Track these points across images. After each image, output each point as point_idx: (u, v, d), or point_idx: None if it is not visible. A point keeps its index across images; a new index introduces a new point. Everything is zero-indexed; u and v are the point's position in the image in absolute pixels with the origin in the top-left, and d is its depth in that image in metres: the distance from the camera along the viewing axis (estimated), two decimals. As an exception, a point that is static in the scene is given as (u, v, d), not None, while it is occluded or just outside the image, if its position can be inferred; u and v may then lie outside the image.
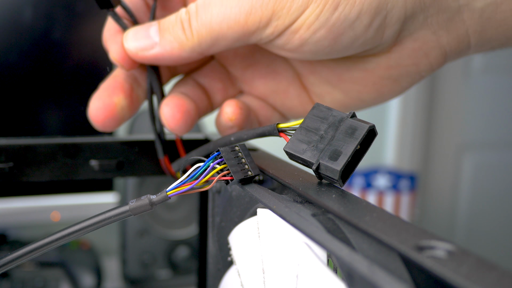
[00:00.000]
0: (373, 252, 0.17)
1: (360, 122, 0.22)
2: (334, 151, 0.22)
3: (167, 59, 0.26)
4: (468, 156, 1.51)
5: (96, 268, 0.72)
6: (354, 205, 0.19)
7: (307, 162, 0.22)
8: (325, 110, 0.23)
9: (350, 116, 0.22)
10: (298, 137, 0.23)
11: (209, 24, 0.25)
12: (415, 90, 1.37)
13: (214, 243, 0.27)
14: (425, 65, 0.29)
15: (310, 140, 0.22)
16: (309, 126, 0.23)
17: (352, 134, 0.22)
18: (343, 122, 0.22)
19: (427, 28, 0.27)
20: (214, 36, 0.25)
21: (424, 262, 0.14)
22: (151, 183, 0.75)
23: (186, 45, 0.26)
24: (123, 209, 0.23)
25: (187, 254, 0.76)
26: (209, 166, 0.23)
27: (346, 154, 0.21)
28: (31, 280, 0.67)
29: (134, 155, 0.31)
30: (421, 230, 0.16)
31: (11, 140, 0.29)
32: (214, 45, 0.26)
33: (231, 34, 0.25)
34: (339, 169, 0.21)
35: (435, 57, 0.28)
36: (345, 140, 0.22)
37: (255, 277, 0.23)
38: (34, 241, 0.22)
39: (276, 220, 0.21)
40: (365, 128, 0.21)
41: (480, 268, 0.14)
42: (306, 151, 0.22)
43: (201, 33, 0.25)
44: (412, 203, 1.20)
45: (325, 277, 0.17)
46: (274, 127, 0.24)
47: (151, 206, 0.22)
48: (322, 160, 0.22)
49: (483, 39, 0.28)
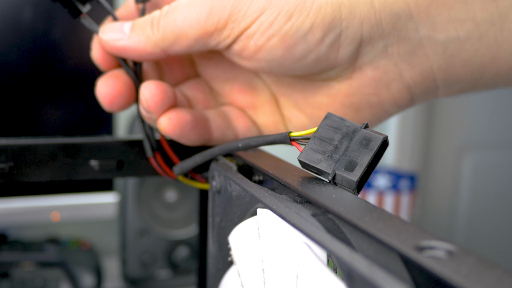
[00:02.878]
0: (373, 252, 0.17)
1: (374, 133, 0.22)
2: (349, 161, 0.22)
3: (133, 51, 0.28)
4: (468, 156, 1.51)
5: (96, 268, 0.72)
6: (354, 205, 0.19)
7: (323, 172, 0.23)
8: (338, 120, 0.23)
9: (364, 127, 0.23)
10: (312, 147, 0.23)
11: (173, 21, 0.27)
12: (415, 90, 1.37)
13: (214, 243, 0.27)
14: (387, 97, 0.29)
15: (324, 150, 0.23)
16: (322, 136, 0.23)
17: (366, 145, 0.22)
18: (357, 133, 0.23)
19: (387, 58, 0.27)
20: (176, 33, 0.27)
21: (424, 262, 0.14)
22: (151, 183, 0.75)
23: (151, 40, 0.27)
24: None
25: (187, 254, 0.76)
26: None
27: (362, 165, 0.22)
28: (31, 280, 0.67)
29: (134, 155, 0.31)
30: (421, 230, 0.16)
31: (11, 140, 0.29)
32: (176, 42, 0.27)
33: (192, 32, 0.27)
34: (355, 179, 0.22)
35: (398, 90, 0.28)
36: (360, 151, 0.22)
37: (255, 277, 0.23)
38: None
39: (276, 220, 0.21)
40: (380, 139, 0.22)
41: (480, 268, 0.14)
42: (321, 161, 0.23)
43: (166, 29, 0.27)
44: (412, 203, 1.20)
45: (325, 277, 0.17)
46: (286, 136, 0.24)
47: None
48: (338, 171, 0.22)
49: (450, 78, 0.28)
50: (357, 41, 0.27)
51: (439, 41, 0.27)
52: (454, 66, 0.27)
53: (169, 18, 0.27)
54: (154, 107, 0.28)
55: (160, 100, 0.28)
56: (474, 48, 0.27)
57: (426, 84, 0.28)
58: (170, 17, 0.27)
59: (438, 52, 0.27)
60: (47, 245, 0.72)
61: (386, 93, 0.29)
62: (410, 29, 0.27)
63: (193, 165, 0.28)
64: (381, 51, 0.27)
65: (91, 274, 0.70)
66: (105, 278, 0.76)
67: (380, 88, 0.28)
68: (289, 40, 0.26)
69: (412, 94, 0.29)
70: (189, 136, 0.29)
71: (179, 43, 0.27)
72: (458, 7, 0.26)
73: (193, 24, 0.26)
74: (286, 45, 0.26)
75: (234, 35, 0.26)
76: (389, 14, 0.26)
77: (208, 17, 0.26)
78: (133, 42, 0.28)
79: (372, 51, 0.27)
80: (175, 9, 0.27)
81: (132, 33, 0.28)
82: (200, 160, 0.28)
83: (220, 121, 0.30)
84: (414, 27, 0.27)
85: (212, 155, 0.28)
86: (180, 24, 0.27)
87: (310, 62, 0.27)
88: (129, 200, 0.73)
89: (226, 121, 0.31)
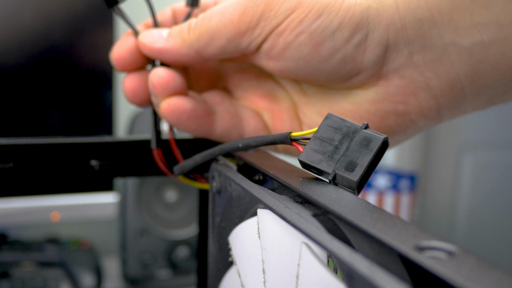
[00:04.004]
0: (373, 252, 0.17)
1: (374, 133, 0.22)
2: (350, 162, 0.22)
3: (169, 52, 0.29)
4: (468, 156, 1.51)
5: (96, 268, 0.72)
6: (354, 205, 0.19)
7: (323, 172, 0.23)
8: (339, 121, 0.23)
9: (364, 128, 0.23)
10: (313, 147, 0.23)
11: (208, 23, 0.28)
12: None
13: (214, 243, 0.27)
14: (414, 107, 0.29)
15: (324, 151, 0.23)
16: (323, 136, 0.23)
17: (367, 145, 0.22)
18: (357, 133, 0.23)
19: (413, 67, 0.27)
20: (211, 34, 0.28)
21: (424, 262, 0.14)
22: (151, 183, 0.75)
23: (187, 41, 0.29)
24: None
25: (187, 254, 0.76)
26: None
27: (362, 165, 0.22)
28: (31, 280, 0.67)
29: (134, 155, 0.31)
30: (421, 230, 0.16)
31: (11, 140, 0.29)
32: (210, 43, 0.28)
33: (225, 32, 0.28)
34: (356, 180, 0.22)
35: (425, 99, 0.28)
36: (361, 152, 0.22)
37: (255, 277, 0.23)
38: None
39: (276, 220, 0.21)
40: (380, 140, 0.22)
41: (480, 268, 0.14)
42: (322, 162, 0.23)
43: (201, 30, 0.28)
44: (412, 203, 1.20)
45: (325, 278, 0.17)
46: (286, 136, 0.24)
47: None
48: (338, 171, 0.22)
49: (478, 86, 0.28)
50: (383, 45, 0.27)
51: (464, 47, 0.26)
52: (482, 72, 0.27)
53: (205, 21, 0.28)
54: (159, 89, 0.29)
55: (165, 82, 0.29)
56: (500, 51, 0.26)
57: (454, 93, 0.28)
58: (205, 20, 0.28)
59: (463, 58, 0.27)
60: (47, 245, 0.72)
61: (413, 102, 0.28)
62: (434, 36, 0.27)
63: (193, 165, 0.28)
64: (406, 59, 0.27)
65: (91, 274, 0.70)
66: (105, 278, 0.76)
67: (406, 96, 0.28)
68: (317, 37, 0.27)
69: (439, 105, 0.28)
70: (186, 125, 0.30)
71: (213, 44, 0.28)
72: (480, 11, 0.26)
73: (227, 24, 0.28)
74: (314, 42, 0.27)
75: (265, 33, 0.27)
76: (413, 20, 0.26)
77: (241, 17, 0.27)
78: (170, 44, 0.29)
79: (398, 58, 0.27)
80: (211, 13, 0.28)
81: (169, 36, 0.29)
82: (200, 160, 0.28)
83: (227, 117, 0.31)
84: (438, 34, 0.26)
85: (212, 155, 0.28)
86: (214, 24, 0.28)
87: (336, 62, 0.27)
88: (129, 200, 0.73)
89: (236, 119, 0.31)
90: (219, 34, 0.28)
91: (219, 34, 0.28)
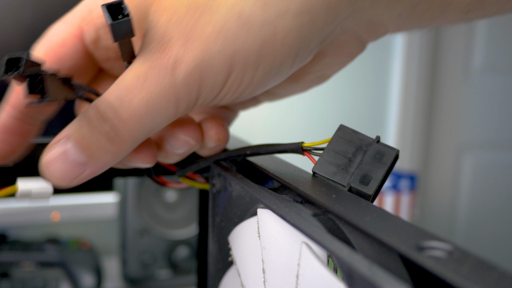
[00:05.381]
0: (373, 252, 0.17)
1: (387, 148, 0.23)
2: (364, 175, 0.22)
3: (103, 170, 0.23)
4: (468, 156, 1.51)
5: (96, 268, 0.72)
6: (354, 205, 0.19)
7: (338, 184, 0.23)
8: (351, 133, 0.24)
9: (377, 141, 0.23)
10: (327, 159, 0.23)
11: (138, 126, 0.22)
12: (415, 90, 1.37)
13: (214, 243, 0.27)
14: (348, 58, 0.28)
15: (339, 163, 0.23)
16: (336, 149, 0.24)
17: (380, 159, 0.23)
18: (370, 147, 0.23)
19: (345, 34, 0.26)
20: (147, 131, 0.23)
21: (424, 262, 0.14)
22: (151, 183, 0.75)
23: (120, 151, 0.23)
24: None
25: (187, 254, 0.76)
26: None
27: (377, 179, 0.22)
28: (31, 280, 0.67)
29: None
30: (421, 230, 0.16)
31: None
32: (147, 136, 0.23)
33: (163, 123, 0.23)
34: (371, 193, 0.22)
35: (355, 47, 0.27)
36: (374, 165, 0.23)
37: (255, 277, 0.23)
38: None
39: (276, 220, 0.21)
40: (393, 154, 0.23)
41: (480, 268, 0.14)
42: (336, 174, 0.23)
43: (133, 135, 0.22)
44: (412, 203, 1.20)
45: (325, 277, 0.17)
46: (298, 146, 0.24)
47: None
48: (353, 184, 0.22)
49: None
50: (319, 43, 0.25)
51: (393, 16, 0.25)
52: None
53: (133, 126, 0.22)
54: None
55: None
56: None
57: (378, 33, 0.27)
58: (133, 124, 0.22)
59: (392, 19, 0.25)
60: (47, 245, 0.72)
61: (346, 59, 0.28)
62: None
63: (196, 169, 0.29)
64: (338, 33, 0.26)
65: (91, 274, 0.70)
66: (105, 278, 0.76)
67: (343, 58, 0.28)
68: (263, 84, 0.24)
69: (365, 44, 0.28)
70: None
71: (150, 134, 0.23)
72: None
73: (163, 117, 0.23)
74: (262, 86, 0.24)
75: (206, 103, 0.24)
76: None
77: (177, 106, 0.22)
78: (100, 166, 0.22)
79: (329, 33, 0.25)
80: (135, 113, 0.22)
81: (92, 158, 0.22)
82: (204, 165, 0.28)
83: None
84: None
85: (217, 160, 0.28)
86: (148, 123, 0.22)
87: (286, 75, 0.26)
88: (129, 200, 0.73)
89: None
90: (156, 127, 0.23)
91: (156, 128, 0.23)
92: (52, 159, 0.22)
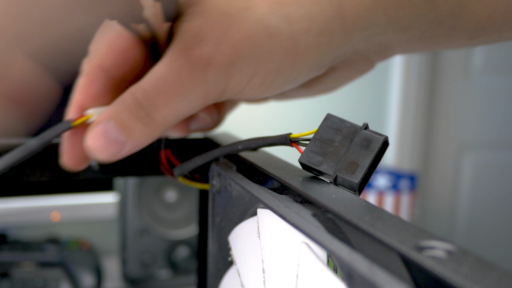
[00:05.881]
0: (373, 252, 0.17)
1: (375, 134, 0.22)
2: (350, 163, 0.22)
3: (140, 147, 0.25)
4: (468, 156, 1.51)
5: (96, 268, 0.72)
6: (354, 205, 0.19)
7: (324, 173, 0.23)
8: (338, 122, 0.23)
9: (364, 128, 0.23)
10: (313, 149, 0.23)
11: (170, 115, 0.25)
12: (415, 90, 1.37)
13: (214, 243, 0.27)
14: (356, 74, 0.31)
15: (325, 152, 0.23)
16: (323, 137, 0.23)
17: (367, 146, 0.22)
18: (357, 134, 0.23)
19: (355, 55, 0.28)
20: (180, 116, 0.25)
21: (424, 262, 0.14)
22: (151, 183, 0.75)
23: (156, 132, 0.25)
24: None
25: (187, 254, 0.76)
26: None
27: (363, 166, 0.22)
28: (31, 280, 0.67)
29: (134, 155, 0.31)
30: (421, 230, 0.16)
31: (11, 140, 0.29)
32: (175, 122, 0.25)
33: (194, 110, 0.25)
34: (357, 181, 0.21)
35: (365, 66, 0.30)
36: (361, 152, 0.22)
37: (255, 277, 0.23)
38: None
39: (276, 220, 0.21)
40: (380, 140, 0.22)
41: (480, 268, 0.14)
42: (322, 163, 0.23)
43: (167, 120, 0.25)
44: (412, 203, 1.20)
45: (325, 277, 0.17)
46: (286, 137, 0.24)
47: None
48: (339, 173, 0.22)
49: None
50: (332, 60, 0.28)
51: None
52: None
53: (167, 112, 0.24)
54: None
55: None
56: None
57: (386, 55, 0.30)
58: (166, 110, 0.24)
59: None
60: (47, 245, 0.72)
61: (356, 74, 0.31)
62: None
63: (193, 167, 0.29)
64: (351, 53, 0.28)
65: (91, 274, 0.70)
66: (105, 278, 0.76)
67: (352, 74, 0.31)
68: (281, 88, 0.27)
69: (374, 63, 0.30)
70: None
71: (177, 121, 0.26)
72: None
73: (192, 110, 0.25)
74: (280, 89, 0.27)
75: (231, 96, 0.27)
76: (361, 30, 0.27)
77: (205, 101, 0.25)
78: (138, 143, 0.25)
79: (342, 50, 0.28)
80: (165, 99, 0.24)
81: (131, 137, 0.25)
82: (200, 162, 0.28)
83: None
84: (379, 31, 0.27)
85: (212, 157, 0.28)
86: (179, 114, 0.25)
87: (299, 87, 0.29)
88: (129, 200, 0.73)
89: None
90: (188, 113, 0.25)
91: (188, 113, 0.25)
92: (95, 136, 0.25)
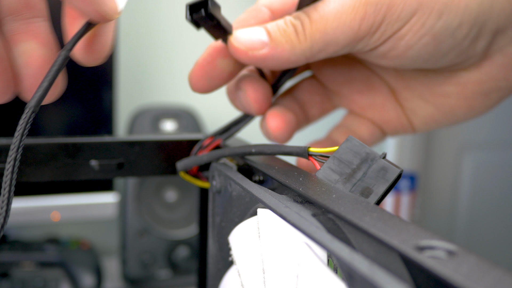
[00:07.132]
0: (373, 252, 0.17)
1: (392, 165, 0.23)
2: (365, 188, 0.23)
3: (275, 60, 0.26)
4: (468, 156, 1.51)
5: (96, 268, 0.72)
6: (354, 205, 0.19)
7: None
8: (359, 145, 0.24)
9: (383, 157, 0.23)
10: (331, 166, 0.24)
11: (323, 29, 0.26)
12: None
13: (214, 243, 0.27)
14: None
15: (342, 172, 0.23)
16: (342, 158, 0.24)
17: (383, 175, 0.23)
18: (375, 161, 0.23)
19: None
20: (327, 41, 0.26)
21: (424, 262, 0.14)
22: (151, 183, 0.75)
23: (298, 48, 0.26)
24: None
25: (187, 254, 0.76)
26: None
27: (377, 193, 0.22)
28: (31, 280, 0.67)
29: (134, 155, 0.31)
30: (421, 230, 0.16)
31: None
32: (324, 50, 0.26)
33: (343, 39, 0.26)
34: None
35: None
36: (377, 180, 0.23)
37: (255, 277, 0.23)
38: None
39: (276, 220, 0.21)
40: (397, 172, 0.23)
41: (480, 268, 0.14)
42: (338, 182, 0.23)
43: (315, 37, 0.26)
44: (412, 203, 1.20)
45: (325, 277, 0.17)
46: (304, 150, 0.24)
47: None
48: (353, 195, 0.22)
49: None
50: (493, 32, 0.27)
51: None
52: None
53: (319, 26, 0.26)
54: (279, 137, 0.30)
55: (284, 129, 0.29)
56: None
57: None
58: (319, 25, 0.26)
59: None
60: (47, 245, 0.72)
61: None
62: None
63: (199, 163, 0.28)
64: (510, 39, 0.28)
65: (91, 274, 0.70)
66: (105, 278, 0.76)
67: (509, 72, 0.29)
68: (439, 37, 0.26)
69: None
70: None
71: (327, 50, 0.26)
72: None
73: (346, 31, 0.26)
74: (436, 42, 0.26)
75: (385, 37, 0.26)
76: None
77: (362, 23, 0.25)
78: (277, 52, 0.26)
79: (503, 40, 0.28)
80: (324, 17, 0.26)
81: (274, 41, 0.26)
82: (207, 159, 0.28)
83: (343, 137, 0.31)
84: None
85: (221, 156, 0.27)
86: (331, 31, 0.25)
87: (452, 57, 0.28)
88: (129, 200, 0.73)
89: (350, 133, 0.31)
90: (336, 41, 0.26)
91: (335, 41, 0.26)
92: (244, 31, 0.27)
